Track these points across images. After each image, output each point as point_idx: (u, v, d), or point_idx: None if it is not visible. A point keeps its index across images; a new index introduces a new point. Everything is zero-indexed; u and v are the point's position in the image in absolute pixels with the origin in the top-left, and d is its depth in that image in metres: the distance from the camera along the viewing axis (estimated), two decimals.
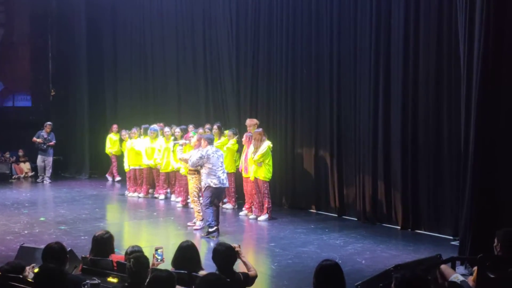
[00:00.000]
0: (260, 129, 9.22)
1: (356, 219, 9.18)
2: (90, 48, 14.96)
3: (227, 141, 9.93)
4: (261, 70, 10.74)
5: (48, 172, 13.92)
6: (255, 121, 9.69)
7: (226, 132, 10.03)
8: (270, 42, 10.51)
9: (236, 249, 4.35)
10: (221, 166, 7.97)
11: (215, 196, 7.96)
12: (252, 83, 10.89)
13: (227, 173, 8.85)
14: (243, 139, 9.41)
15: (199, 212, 8.35)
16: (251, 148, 9.12)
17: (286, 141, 10.37)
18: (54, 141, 13.95)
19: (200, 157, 7.92)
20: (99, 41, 15.16)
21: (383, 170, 8.68)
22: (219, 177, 7.89)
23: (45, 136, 13.81)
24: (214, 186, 7.85)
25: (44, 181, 13.85)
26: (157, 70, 13.68)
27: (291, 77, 10.19)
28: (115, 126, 13.58)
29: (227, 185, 8.14)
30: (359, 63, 9.00)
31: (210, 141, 8.17)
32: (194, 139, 8.40)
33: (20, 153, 14.84)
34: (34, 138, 13.80)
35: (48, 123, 14.01)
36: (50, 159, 13.90)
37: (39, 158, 13.89)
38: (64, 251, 4.19)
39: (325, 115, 9.72)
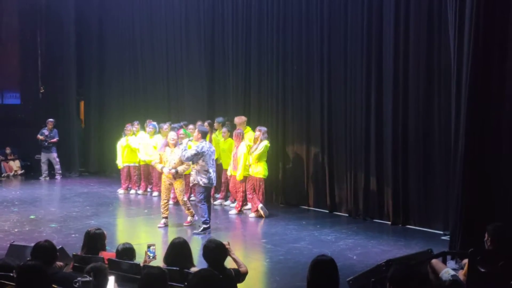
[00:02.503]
0: (265, 128, 9.23)
1: (347, 215, 9.21)
2: (80, 44, 14.95)
3: (219, 137, 10.04)
4: (252, 68, 10.76)
5: (57, 168, 13.89)
6: (243, 118, 9.72)
7: (218, 129, 10.11)
8: (260, 39, 10.54)
9: (226, 246, 4.34)
10: (212, 164, 7.93)
11: (206, 192, 7.97)
12: (244, 81, 10.92)
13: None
14: (233, 137, 9.40)
15: (188, 209, 8.42)
16: (242, 146, 9.11)
17: (277, 138, 10.37)
18: (57, 138, 13.87)
19: (195, 153, 7.81)
20: (88, 37, 15.12)
21: (375, 166, 8.71)
22: (209, 176, 7.86)
23: (47, 133, 13.75)
24: (203, 185, 7.84)
25: (56, 178, 13.82)
26: (147, 65, 13.71)
27: (282, 75, 10.20)
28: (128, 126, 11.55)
29: (214, 183, 8.14)
30: (351, 59, 9.01)
31: (204, 135, 8.06)
32: (195, 134, 8.25)
33: (7, 151, 14.67)
34: (38, 136, 13.77)
35: (50, 120, 13.83)
36: (54, 155, 13.82)
37: (42, 156, 13.85)
38: (53, 249, 4.17)
39: (316, 112, 9.75)
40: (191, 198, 9.68)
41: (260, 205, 9.04)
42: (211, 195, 8.39)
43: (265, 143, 9.03)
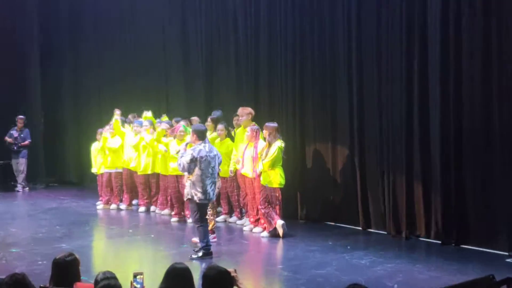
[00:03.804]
0: (274, 125, 9.22)
1: (385, 232, 9.24)
2: (45, 39, 15.45)
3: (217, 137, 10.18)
4: (261, 51, 10.95)
5: (21, 177, 14.10)
6: (248, 109, 9.67)
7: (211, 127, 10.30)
8: (271, 16, 10.79)
9: (232, 274, 4.27)
10: (211, 174, 7.86)
11: (202, 209, 7.98)
12: (251, 66, 11.14)
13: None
14: (248, 134, 9.34)
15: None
16: (261, 145, 9.18)
17: (294, 136, 10.42)
18: (29, 140, 14.17)
19: (191, 160, 7.75)
20: (54, 32, 15.67)
21: (420, 171, 8.72)
22: (206, 190, 7.81)
23: (16, 134, 13.96)
24: (198, 201, 7.82)
25: (17, 189, 14.06)
26: (131, 48, 14.22)
27: (299, 58, 10.29)
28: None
29: (213, 199, 8.13)
30: (386, 45, 9.13)
31: (202, 135, 7.94)
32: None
33: None
34: (6, 137, 14.06)
35: (20, 116, 13.97)
36: (22, 161, 14.03)
37: (13, 162, 14.14)
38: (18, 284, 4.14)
39: (344, 103, 9.80)
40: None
41: (281, 222, 9.05)
42: (206, 213, 8.31)
43: (278, 144, 9.06)
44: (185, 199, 8.23)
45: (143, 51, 13.77)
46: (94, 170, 12.06)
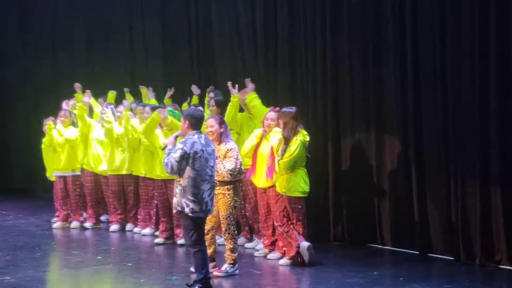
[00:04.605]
0: (292, 110, 8.96)
1: (451, 258, 8.94)
2: None
3: None
4: (279, 12, 11.02)
5: None
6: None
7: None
8: None
9: None
10: (209, 176, 7.66)
11: (198, 227, 7.73)
12: (265, 32, 11.18)
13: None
14: (265, 123, 9.17)
15: (233, 252, 8.49)
16: (275, 139, 9.07)
17: (325, 126, 10.23)
18: None
19: (182, 156, 7.44)
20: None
21: (499, 176, 8.44)
22: (202, 199, 7.59)
23: None
24: (191, 214, 7.57)
25: None
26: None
27: (331, 23, 10.19)
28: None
29: (212, 211, 7.90)
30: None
31: (196, 123, 7.72)
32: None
33: None
34: None
35: None
36: None
37: None
38: None
39: (391, 82, 9.58)
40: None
41: (306, 244, 8.79)
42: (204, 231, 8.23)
43: (300, 139, 8.80)
44: (174, 211, 7.98)
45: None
46: (48, 174, 12.05)
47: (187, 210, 7.48)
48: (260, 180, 9.14)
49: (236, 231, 8.62)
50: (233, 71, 11.65)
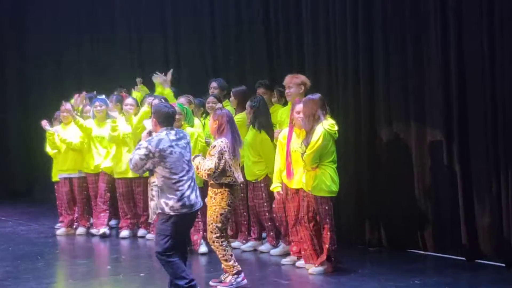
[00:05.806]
0: (316, 96, 8.54)
1: (503, 265, 8.57)
2: None
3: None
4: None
5: None
6: (301, 78, 9.13)
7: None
8: None
9: None
10: (187, 171, 7.50)
11: (180, 230, 7.51)
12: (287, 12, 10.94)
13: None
14: (295, 117, 8.75)
15: (226, 261, 8.12)
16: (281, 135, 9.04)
17: (359, 117, 9.91)
18: None
19: (146, 155, 7.31)
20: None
21: None
22: (182, 195, 7.42)
23: None
24: (174, 213, 7.38)
25: None
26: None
27: (363, 16, 9.88)
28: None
29: (199, 205, 7.65)
30: None
31: (165, 120, 7.54)
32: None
33: None
34: None
35: None
36: None
37: None
38: None
39: (435, 72, 9.17)
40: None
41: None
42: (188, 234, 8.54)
43: (322, 129, 8.36)
44: (154, 216, 7.89)
45: None
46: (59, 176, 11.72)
47: (167, 209, 7.35)
48: (294, 180, 8.84)
49: (224, 240, 8.20)
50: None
